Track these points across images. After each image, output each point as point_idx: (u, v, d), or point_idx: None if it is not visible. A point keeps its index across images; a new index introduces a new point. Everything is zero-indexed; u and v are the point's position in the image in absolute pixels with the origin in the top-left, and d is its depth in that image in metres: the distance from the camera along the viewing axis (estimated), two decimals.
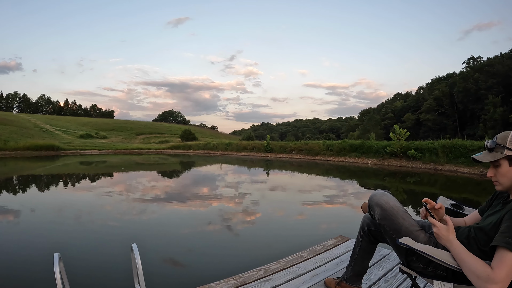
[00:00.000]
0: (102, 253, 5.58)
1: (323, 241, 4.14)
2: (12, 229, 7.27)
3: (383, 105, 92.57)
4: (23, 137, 43.56)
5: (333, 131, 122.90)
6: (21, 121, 58.78)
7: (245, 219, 8.06)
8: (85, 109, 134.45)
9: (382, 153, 24.91)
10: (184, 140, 62.36)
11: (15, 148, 36.98)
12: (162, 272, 4.76)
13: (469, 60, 69.26)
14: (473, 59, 69.03)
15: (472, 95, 62.39)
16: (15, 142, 38.64)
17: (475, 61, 68.61)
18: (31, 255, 5.40)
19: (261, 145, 38.37)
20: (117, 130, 79.44)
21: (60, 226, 7.49)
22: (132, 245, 2.13)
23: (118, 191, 12.71)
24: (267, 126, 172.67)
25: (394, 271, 3.18)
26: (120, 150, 47.46)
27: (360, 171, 20.79)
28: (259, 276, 3.13)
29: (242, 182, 15.57)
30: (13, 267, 4.84)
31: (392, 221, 2.09)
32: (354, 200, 10.76)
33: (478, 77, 62.19)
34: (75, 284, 2.74)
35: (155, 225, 7.56)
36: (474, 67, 66.35)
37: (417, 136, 52.22)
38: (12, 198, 11.27)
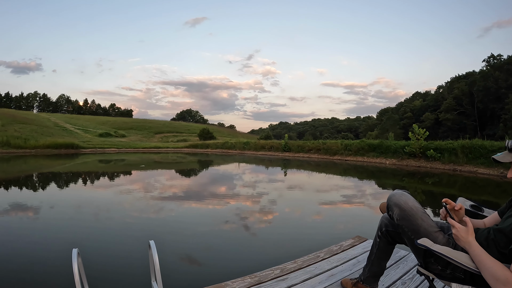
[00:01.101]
0: (119, 250, 5.64)
1: (340, 241, 4.13)
2: (32, 225, 7.38)
3: (402, 105, 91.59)
4: (43, 136, 44.15)
5: (351, 130, 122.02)
6: (41, 120, 59.62)
7: (262, 218, 8.06)
8: (104, 108, 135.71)
9: (400, 153, 24.64)
10: (202, 139, 62.54)
11: (35, 146, 37.50)
12: (179, 269, 4.78)
13: (489, 58, 67.98)
14: (493, 57, 67.70)
15: (492, 94, 61.21)
16: (36, 141, 39.19)
17: (495, 59, 67.25)
18: (50, 250, 5.49)
19: (279, 145, 38.30)
20: (135, 129, 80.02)
21: (79, 223, 7.58)
22: (150, 242, 2.14)
23: (136, 189, 12.81)
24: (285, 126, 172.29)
25: (412, 273, 3.14)
26: (138, 148, 47.78)
27: (378, 171, 20.61)
28: (275, 275, 3.13)
29: (259, 181, 15.57)
30: (33, 262, 4.91)
31: (410, 222, 2.07)
32: (372, 200, 10.68)
33: (498, 75, 61.00)
34: (93, 279, 2.78)
35: (173, 223, 7.61)
36: (494, 65, 65.12)
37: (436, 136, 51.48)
38: (32, 195, 11.43)
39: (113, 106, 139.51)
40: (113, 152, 42.19)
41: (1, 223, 7.45)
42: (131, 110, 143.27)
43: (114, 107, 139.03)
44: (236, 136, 75.84)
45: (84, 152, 39.30)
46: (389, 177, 18.22)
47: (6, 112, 57.21)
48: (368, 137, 57.01)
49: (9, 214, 8.29)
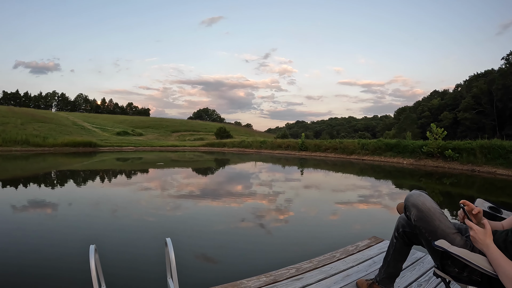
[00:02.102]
0: (136, 246, 5.70)
1: (356, 241, 4.10)
2: (50, 221, 7.50)
3: (420, 103, 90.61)
4: (61, 134, 44.67)
5: (368, 129, 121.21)
6: (59, 119, 60.30)
7: (278, 217, 8.05)
8: (121, 107, 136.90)
9: (418, 153, 24.41)
10: (219, 137, 62.72)
11: (54, 145, 38.00)
12: (194, 267, 4.81)
13: (508, 56, 66.49)
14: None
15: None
16: (54, 139, 39.68)
17: None
18: (67, 247, 5.56)
19: (296, 144, 38.24)
20: (152, 127, 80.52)
21: (96, 219, 7.69)
22: (167, 239, 2.16)
23: (153, 187, 12.91)
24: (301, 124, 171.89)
25: (428, 275, 3.11)
26: (155, 147, 48.10)
27: (395, 171, 20.44)
28: (291, 274, 3.13)
29: (276, 180, 15.56)
30: (50, 258, 4.99)
31: (428, 223, 2.05)
32: (389, 200, 10.60)
33: None
34: (109, 275, 2.80)
35: (189, 221, 7.66)
36: None
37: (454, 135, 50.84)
38: (50, 192, 11.58)
39: (131, 105, 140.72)
40: (131, 150, 42.54)
41: (21, 219, 7.57)
42: (148, 109, 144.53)
43: (132, 106, 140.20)
44: (253, 135, 75.90)
45: (101, 150, 39.69)
46: (406, 177, 18.07)
47: (25, 111, 57.97)
48: (386, 137, 56.58)
49: (28, 211, 8.43)
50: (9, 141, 35.38)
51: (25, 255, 5.12)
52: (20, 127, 42.12)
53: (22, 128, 42.07)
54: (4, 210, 8.44)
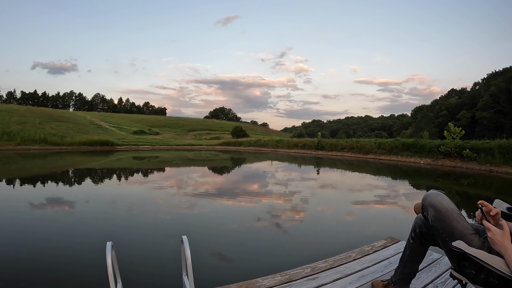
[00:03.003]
0: (152, 244, 5.76)
1: (372, 241, 4.07)
2: (67, 218, 7.59)
3: (437, 102, 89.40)
4: (79, 133, 45.22)
5: (385, 129, 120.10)
6: (77, 118, 61.00)
7: (293, 216, 8.04)
8: (138, 106, 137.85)
9: (435, 153, 24.14)
10: (235, 136, 62.81)
11: (72, 143, 38.49)
12: (209, 265, 4.83)
13: None
14: None
15: None
16: (72, 138, 40.20)
17: None
18: (84, 243, 5.65)
19: (312, 143, 38.20)
20: (169, 126, 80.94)
21: (113, 217, 7.78)
22: (183, 237, 2.17)
23: (169, 185, 12.98)
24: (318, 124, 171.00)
25: (444, 277, 3.07)
26: (172, 146, 48.43)
27: (412, 171, 20.26)
28: (306, 274, 3.12)
29: (292, 180, 15.54)
30: (68, 254, 5.07)
31: (445, 223, 2.02)
32: (406, 201, 10.50)
33: None
34: (125, 271, 2.84)
35: (205, 219, 7.69)
36: None
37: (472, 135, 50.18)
38: (68, 190, 11.73)
39: (147, 104, 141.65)
40: (147, 149, 42.88)
41: (39, 216, 7.67)
42: (164, 108, 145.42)
43: (148, 106, 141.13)
44: (269, 134, 75.81)
45: (118, 149, 40.08)
46: (423, 177, 17.90)
47: (43, 111, 58.72)
48: (402, 136, 55.94)
49: (46, 208, 8.55)
50: (27, 140, 35.94)
51: (44, 250, 5.21)
52: (39, 127, 42.71)
53: (40, 127, 42.65)
54: (23, 208, 8.56)
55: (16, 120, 42.92)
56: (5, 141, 34.55)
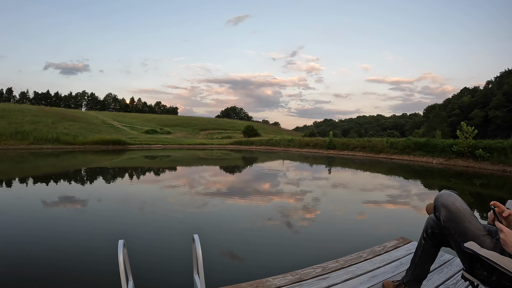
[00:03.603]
0: (163, 242, 5.81)
1: (384, 242, 4.05)
2: (80, 216, 7.67)
3: (450, 101, 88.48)
4: (91, 133, 45.56)
5: (397, 128, 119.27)
6: (89, 118, 61.38)
7: (304, 216, 8.03)
8: (150, 106, 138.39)
9: (448, 152, 23.90)
10: (247, 136, 62.82)
11: (84, 143, 38.81)
12: (220, 264, 4.85)
13: None
14: None
15: None
16: (84, 137, 40.54)
17: None
18: (96, 241, 5.71)
19: (324, 142, 38.07)
20: (181, 126, 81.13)
21: (125, 215, 7.86)
22: (194, 235, 2.18)
23: (181, 184, 13.04)
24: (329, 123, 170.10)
25: (455, 278, 3.04)
26: (183, 145, 48.55)
27: (424, 171, 20.11)
28: (317, 273, 3.11)
29: (303, 179, 15.52)
30: (80, 251, 5.13)
31: (458, 224, 2.01)
32: (417, 201, 10.44)
33: None
34: (136, 269, 2.86)
35: (216, 218, 7.73)
36: None
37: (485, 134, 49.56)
38: (81, 188, 11.83)
39: (159, 104, 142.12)
40: (159, 148, 43.07)
41: (52, 214, 7.75)
42: (176, 107, 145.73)
43: (160, 105, 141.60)
44: (281, 133, 75.78)
45: (130, 148, 40.31)
46: (435, 177, 17.76)
47: (56, 111, 59.26)
48: (415, 135, 55.53)
49: (59, 207, 8.64)
50: (40, 139, 36.31)
51: (57, 248, 5.26)
52: (51, 126, 43.11)
53: (53, 127, 43.05)
54: (36, 206, 8.66)
55: (29, 120, 43.34)
56: (19, 140, 34.93)
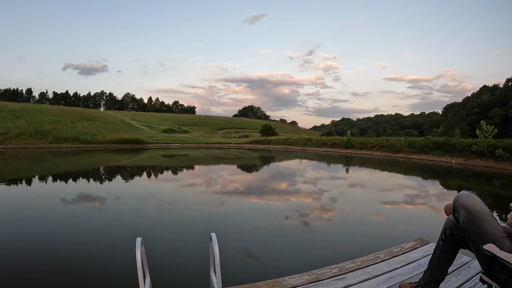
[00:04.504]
0: (180, 240, 5.87)
1: (401, 243, 4.02)
2: (98, 214, 7.78)
3: (469, 99, 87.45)
4: (110, 132, 45.96)
5: (415, 127, 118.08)
6: (108, 117, 61.93)
7: (322, 215, 8.01)
8: (167, 105, 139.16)
9: (467, 152, 23.50)
10: (264, 135, 62.77)
11: (103, 142, 39.25)
12: (237, 262, 4.86)
13: None
14: None
15: None
16: (103, 136, 40.97)
17: None
18: (114, 238, 5.79)
19: (341, 141, 37.83)
20: (198, 125, 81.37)
21: (143, 213, 7.94)
22: (212, 234, 2.19)
23: (198, 183, 13.11)
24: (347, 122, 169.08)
25: (473, 281, 2.99)
26: (201, 144, 48.72)
27: (443, 171, 19.87)
28: (333, 274, 3.10)
29: (321, 178, 15.48)
30: (98, 249, 5.22)
31: (477, 225, 1.98)
32: (436, 202, 10.32)
33: None
34: (153, 267, 2.88)
35: (233, 217, 7.77)
36: None
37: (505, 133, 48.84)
38: (99, 187, 11.97)
39: (177, 103, 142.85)
40: (177, 147, 43.30)
41: (71, 212, 7.86)
42: (194, 107, 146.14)
43: (178, 104, 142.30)
44: (298, 132, 75.50)
45: (148, 147, 40.62)
46: (454, 177, 17.54)
47: (75, 111, 59.91)
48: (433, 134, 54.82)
49: (78, 204, 8.76)
50: (60, 139, 36.83)
51: (75, 246, 5.33)
52: (70, 126, 43.64)
53: (72, 126, 43.57)
54: (56, 203, 8.81)
55: (49, 120, 43.93)
56: (38, 140, 35.46)
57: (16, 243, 5.47)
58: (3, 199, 9.39)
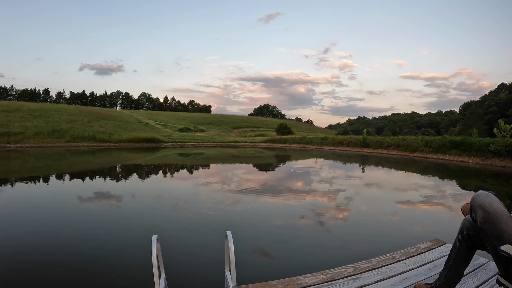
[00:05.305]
0: (195, 238, 5.90)
1: (417, 243, 3.99)
2: (115, 211, 7.88)
3: (486, 98, 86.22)
4: (126, 131, 46.29)
5: (432, 126, 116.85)
6: (124, 117, 62.40)
7: (337, 215, 7.98)
8: (183, 104, 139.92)
9: (485, 151, 23.11)
10: (280, 134, 62.83)
11: (119, 140, 39.53)
12: (251, 261, 4.88)
13: None
14: None
15: None
16: (119, 135, 41.29)
17: None
18: (130, 237, 5.86)
19: (357, 140, 37.61)
20: (214, 124, 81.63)
21: (159, 212, 8.01)
22: (227, 232, 2.21)
23: (214, 181, 13.17)
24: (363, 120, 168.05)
25: (490, 283, 2.95)
26: (217, 143, 48.88)
27: (460, 171, 19.63)
28: (348, 273, 3.10)
29: (336, 178, 15.43)
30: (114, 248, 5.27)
31: (494, 226, 1.96)
32: (453, 202, 10.21)
33: None
34: (168, 265, 2.90)
35: (248, 215, 7.79)
36: None
37: None
38: (116, 185, 12.10)
39: (192, 102, 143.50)
40: (192, 146, 43.52)
41: (88, 209, 7.96)
42: (209, 106, 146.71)
43: (193, 103, 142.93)
44: (314, 131, 75.42)
45: (164, 146, 40.80)
46: (471, 177, 17.33)
47: (91, 110, 60.50)
48: (450, 133, 54.19)
49: (94, 202, 8.87)
50: (77, 138, 37.23)
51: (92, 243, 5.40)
52: (87, 125, 44.07)
53: (89, 125, 44.00)
54: (73, 201, 8.91)
55: (66, 119, 44.40)
56: (56, 139, 35.87)
57: (34, 241, 5.53)
58: (22, 197, 9.53)
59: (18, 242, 5.41)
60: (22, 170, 17.10)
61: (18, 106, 48.08)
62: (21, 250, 5.05)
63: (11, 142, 32.83)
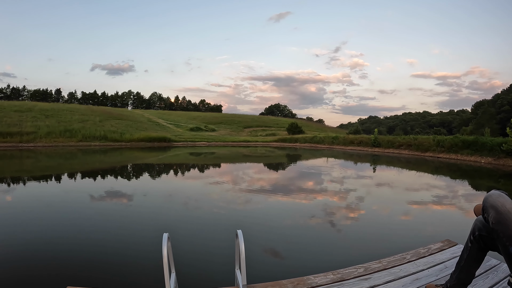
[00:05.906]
0: (206, 237, 5.93)
1: (428, 244, 3.97)
2: (126, 210, 7.94)
3: (499, 96, 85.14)
4: (137, 130, 46.47)
5: (444, 125, 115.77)
6: (135, 116, 62.60)
7: (348, 215, 7.97)
8: (194, 104, 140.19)
9: (497, 151, 22.85)
10: (291, 133, 62.64)
11: (130, 140, 39.69)
12: (262, 260, 4.89)
13: None
14: None
15: None
16: (130, 135, 41.47)
17: None
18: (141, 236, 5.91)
19: (368, 139, 37.37)
20: (225, 123, 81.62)
21: (169, 210, 8.07)
22: (238, 231, 2.22)
23: (224, 180, 13.19)
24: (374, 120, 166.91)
25: (501, 285, 2.92)
26: (228, 142, 48.92)
27: (472, 171, 19.45)
28: (359, 274, 3.10)
29: (347, 177, 15.38)
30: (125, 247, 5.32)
31: (506, 226, 1.95)
32: (464, 202, 10.13)
33: None
34: (179, 263, 2.92)
35: (258, 215, 7.81)
36: None
37: None
38: (127, 184, 12.17)
39: (203, 102, 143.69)
40: (203, 145, 43.57)
41: (99, 208, 8.04)
42: (220, 105, 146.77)
43: (204, 103, 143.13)
44: (325, 131, 75.10)
45: (175, 145, 40.86)
46: (483, 177, 17.17)
47: (103, 110, 60.78)
48: (462, 133, 53.63)
49: (106, 200, 8.94)
50: (88, 137, 37.50)
51: (102, 241, 5.45)
52: (99, 124, 44.32)
53: (100, 125, 44.24)
54: (85, 200, 9.00)
55: (78, 119, 44.70)
56: (68, 138, 36.15)
57: (45, 239, 5.60)
58: (34, 195, 9.64)
59: (30, 240, 5.48)
60: (34, 169, 17.28)
61: (31, 106, 48.43)
62: (33, 248, 5.11)
63: (24, 141, 33.13)
